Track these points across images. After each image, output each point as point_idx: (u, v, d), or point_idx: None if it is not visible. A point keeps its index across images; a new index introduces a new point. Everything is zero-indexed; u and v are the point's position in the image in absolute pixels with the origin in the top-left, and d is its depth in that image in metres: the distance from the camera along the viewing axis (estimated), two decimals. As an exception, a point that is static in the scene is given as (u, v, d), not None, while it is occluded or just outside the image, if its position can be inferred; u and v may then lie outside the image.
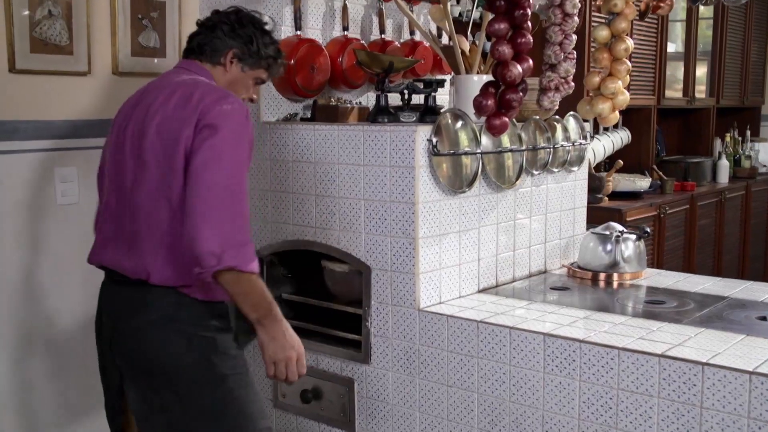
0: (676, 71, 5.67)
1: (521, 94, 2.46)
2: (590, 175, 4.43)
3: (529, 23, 2.48)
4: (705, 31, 6.06)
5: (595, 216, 4.11)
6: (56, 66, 2.63)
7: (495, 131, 2.52)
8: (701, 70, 6.00)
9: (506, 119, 2.49)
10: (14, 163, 2.57)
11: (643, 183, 4.92)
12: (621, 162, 4.72)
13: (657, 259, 4.79)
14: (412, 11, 3.26)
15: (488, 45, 2.60)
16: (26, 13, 2.52)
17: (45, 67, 2.60)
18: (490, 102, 2.46)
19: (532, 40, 2.47)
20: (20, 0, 2.51)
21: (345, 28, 3.05)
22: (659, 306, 2.64)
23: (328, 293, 2.92)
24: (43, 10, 2.55)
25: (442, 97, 3.29)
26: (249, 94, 2.34)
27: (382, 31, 3.20)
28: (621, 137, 5.01)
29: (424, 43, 3.27)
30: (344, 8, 3.05)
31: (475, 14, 4.08)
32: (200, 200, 1.95)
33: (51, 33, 2.58)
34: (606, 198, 4.70)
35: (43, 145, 2.63)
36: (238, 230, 1.98)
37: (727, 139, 6.31)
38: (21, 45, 2.52)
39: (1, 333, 2.59)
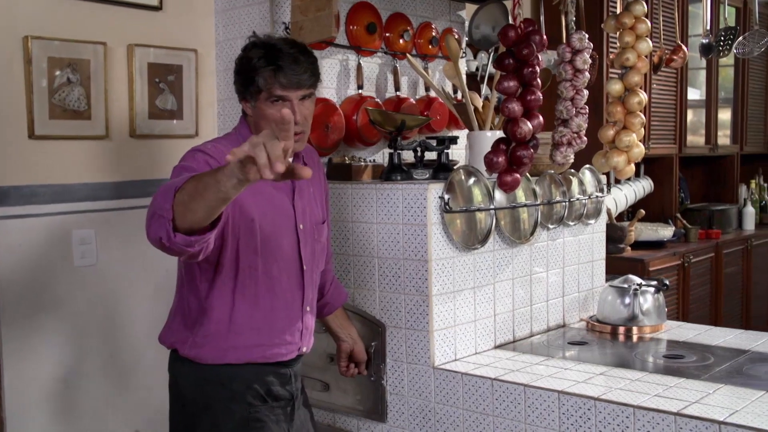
0: (700, 116, 5.66)
1: (532, 150, 2.47)
2: (612, 225, 4.42)
3: (539, 80, 2.50)
4: (728, 74, 6.05)
5: (618, 266, 4.07)
6: (75, 131, 2.67)
7: (506, 188, 2.52)
8: (724, 115, 5.98)
9: (517, 176, 2.50)
10: (32, 226, 2.60)
11: (666, 232, 4.88)
12: (643, 211, 4.70)
13: (682, 310, 4.72)
14: (426, 68, 3.29)
15: (503, 99, 2.61)
16: (44, 83, 2.58)
17: (63, 133, 2.65)
18: (501, 159, 2.47)
19: (541, 97, 2.49)
20: (39, 69, 2.57)
21: (360, 87, 3.09)
22: (678, 361, 2.60)
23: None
24: (61, 77, 2.61)
25: (459, 152, 3.30)
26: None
27: (397, 88, 3.22)
28: (643, 186, 5.00)
29: (440, 99, 3.29)
30: (359, 67, 3.09)
31: (491, 69, 4.11)
32: None
33: (70, 99, 2.63)
34: (629, 248, 4.67)
35: (60, 208, 2.66)
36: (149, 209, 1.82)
37: (753, 185, 6.26)
38: (40, 112, 2.57)
39: (22, 394, 2.61)
